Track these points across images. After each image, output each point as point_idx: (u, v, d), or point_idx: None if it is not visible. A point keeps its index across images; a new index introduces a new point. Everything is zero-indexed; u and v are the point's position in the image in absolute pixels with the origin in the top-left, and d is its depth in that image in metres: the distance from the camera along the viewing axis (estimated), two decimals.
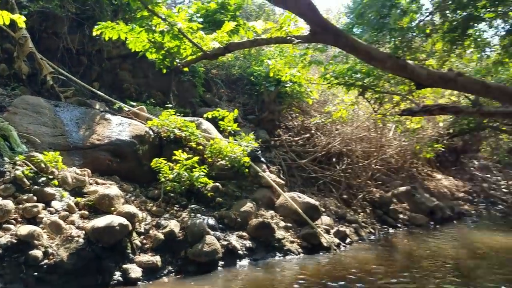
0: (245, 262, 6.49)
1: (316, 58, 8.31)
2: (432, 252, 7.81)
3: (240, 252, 6.53)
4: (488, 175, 15.85)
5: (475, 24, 7.42)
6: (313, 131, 11.64)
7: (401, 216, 10.34)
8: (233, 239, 6.67)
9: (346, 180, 10.57)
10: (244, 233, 6.96)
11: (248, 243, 6.77)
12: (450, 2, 6.36)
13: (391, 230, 9.64)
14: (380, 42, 6.68)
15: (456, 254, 7.85)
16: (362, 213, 9.94)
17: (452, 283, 6.03)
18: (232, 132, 8.91)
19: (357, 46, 3.83)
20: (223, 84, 11.93)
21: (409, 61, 4.37)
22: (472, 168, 15.89)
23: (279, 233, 7.35)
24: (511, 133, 12.55)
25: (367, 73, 6.75)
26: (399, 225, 9.98)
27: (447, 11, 6.60)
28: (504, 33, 8.48)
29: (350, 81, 6.82)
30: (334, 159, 11.02)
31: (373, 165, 11.39)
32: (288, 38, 4.02)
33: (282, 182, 8.99)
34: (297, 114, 12.08)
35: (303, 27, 4.36)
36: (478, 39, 8.16)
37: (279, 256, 6.94)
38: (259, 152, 8.98)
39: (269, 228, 7.15)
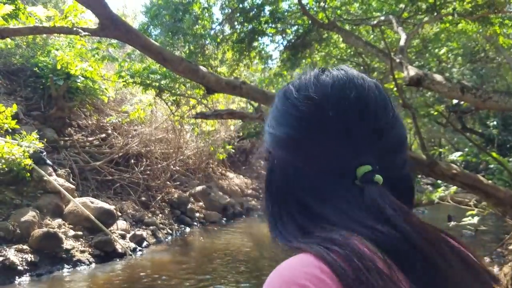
0: (26, 278, 5.80)
1: (113, 54, 7.91)
2: (225, 247, 8.38)
3: (20, 267, 5.84)
4: None
5: (259, 38, 8.29)
6: (109, 131, 11.05)
7: (197, 214, 10.78)
8: (11, 254, 5.94)
9: (145, 182, 10.42)
10: (25, 246, 6.24)
11: (30, 257, 6.07)
12: (238, 14, 6.93)
13: (188, 229, 9.94)
14: (175, 45, 6.79)
15: (245, 246, 8.63)
16: (160, 215, 9.95)
17: (244, 274, 6.59)
18: (10, 130, 7.69)
19: (149, 46, 3.77)
20: (1, 74, 10.21)
21: (201, 66, 4.56)
22: (259, 167, 17.81)
23: (68, 243, 6.75)
24: None
25: (163, 74, 6.77)
26: (195, 223, 10.38)
27: (236, 23, 7.19)
28: (282, 48, 9.79)
29: (146, 81, 6.71)
30: (132, 161, 10.71)
31: (172, 166, 11.55)
32: (75, 29, 3.68)
33: (73, 186, 8.25)
34: (92, 113, 11.28)
35: (91, 19, 4.07)
36: (262, 52, 9.17)
37: (68, 268, 6.36)
38: (45, 153, 8.02)
39: (55, 238, 6.49)
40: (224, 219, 11.24)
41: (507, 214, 6.66)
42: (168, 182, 11.30)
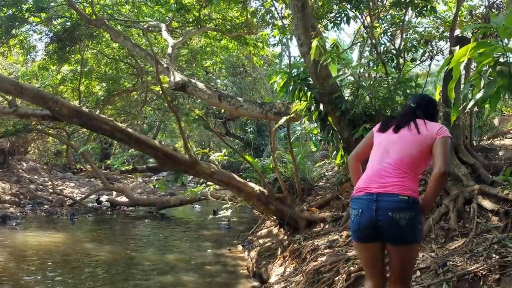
0: None
1: None
2: None
3: None
4: (36, 177, 16.17)
5: (20, 26, 7.46)
6: None
7: None
8: None
9: None
10: None
11: None
12: None
13: None
14: None
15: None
16: None
17: None
18: None
19: None
20: None
21: None
22: (20, 170, 15.73)
23: None
24: (57, 136, 13.41)
25: None
26: None
27: None
28: (48, 40, 9.00)
29: None
30: None
31: None
32: None
33: None
34: None
35: None
36: (24, 41, 8.26)
37: None
38: None
39: None
40: None
41: (255, 206, 7.86)
42: None
